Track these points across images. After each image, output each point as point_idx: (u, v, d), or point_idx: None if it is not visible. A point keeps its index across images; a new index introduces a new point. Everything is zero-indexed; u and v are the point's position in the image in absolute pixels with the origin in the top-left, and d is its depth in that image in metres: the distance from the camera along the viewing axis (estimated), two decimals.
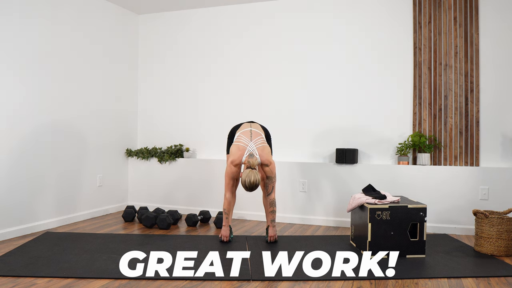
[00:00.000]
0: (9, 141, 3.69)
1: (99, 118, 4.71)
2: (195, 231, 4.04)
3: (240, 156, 3.41)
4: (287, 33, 4.72)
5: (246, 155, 3.40)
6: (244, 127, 3.61)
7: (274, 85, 4.75)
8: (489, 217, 3.23)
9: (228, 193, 3.48)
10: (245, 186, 3.23)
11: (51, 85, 4.09)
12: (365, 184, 4.18)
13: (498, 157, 4.04)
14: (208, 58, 5.04)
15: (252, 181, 3.20)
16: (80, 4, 4.42)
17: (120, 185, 5.08)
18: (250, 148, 3.42)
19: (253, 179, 3.21)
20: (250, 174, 3.22)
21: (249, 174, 3.22)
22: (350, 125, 4.48)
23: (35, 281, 2.60)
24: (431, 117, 4.23)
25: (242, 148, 3.42)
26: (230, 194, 3.48)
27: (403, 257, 3.14)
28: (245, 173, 3.24)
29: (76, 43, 4.39)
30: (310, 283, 2.60)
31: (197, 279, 2.64)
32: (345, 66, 4.51)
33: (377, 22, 4.41)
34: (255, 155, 3.40)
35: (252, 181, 3.20)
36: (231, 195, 3.50)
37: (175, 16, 5.18)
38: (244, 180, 3.22)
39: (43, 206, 4.03)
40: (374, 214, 3.14)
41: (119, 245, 3.39)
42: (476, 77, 4.10)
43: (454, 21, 4.17)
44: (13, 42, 3.70)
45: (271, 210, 3.55)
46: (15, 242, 3.53)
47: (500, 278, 2.72)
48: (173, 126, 5.18)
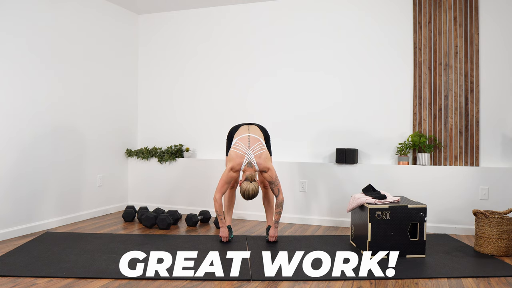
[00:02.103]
0: (9, 141, 3.69)
1: (99, 118, 4.72)
2: (195, 231, 4.04)
3: (239, 164, 3.45)
4: (288, 33, 4.71)
5: (244, 164, 3.44)
6: (242, 132, 3.61)
7: (274, 85, 4.75)
8: (489, 217, 3.23)
9: (218, 195, 3.48)
10: (244, 197, 3.34)
11: (51, 85, 4.09)
12: (365, 184, 4.18)
13: (498, 157, 4.04)
14: (208, 58, 5.04)
15: (250, 194, 3.33)
16: (80, 4, 4.42)
17: (120, 185, 5.08)
18: (248, 156, 3.45)
19: (252, 192, 3.32)
20: (249, 186, 3.32)
21: (248, 187, 3.32)
22: (350, 125, 4.48)
23: (35, 281, 2.60)
24: (431, 117, 4.23)
25: (241, 156, 3.45)
26: (221, 196, 3.49)
27: (403, 257, 3.14)
28: (245, 185, 3.32)
29: (76, 43, 4.39)
30: (310, 283, 2.60)
31: (197, 279, 2.64)
32: (344, 66, 4.51)
33: (377, 22, 4.41)
34: (253, 163, 3.43)
35: (250, 195, 3.33)
36: (221, 198, 3.50)
37: (175, 16, 5.18)
38: (243, 192, 3.32)
39: (43, 206, 4.03)
40: (374, 214, 3.14)
41: (119, 245, 3.39)
42: (476, 77, 4.10)
43: (454, 21, 4.17)
44: (13, 43, 3.71)
45: (277, 211, 3.54)
46: (15, 242, 3.53)
47: (500, 278, 2.72)
48: (173, 126, 5.18)
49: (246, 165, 3.43)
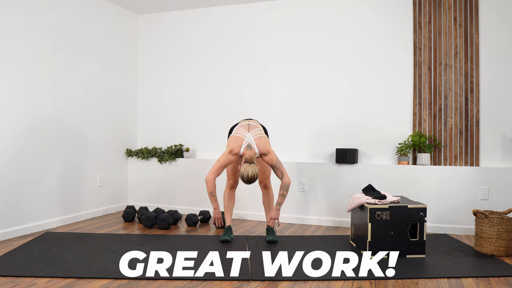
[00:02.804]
0: (9, 141, 3.69)
1: (99, 118, 4.71)
2: (195, 231, 4.04)
3: (239, 147, 3.45)
4: (287, 33, 4.71)
5: (244, 146, 3.44)
6: (242, 122, 3.69)
7: (274, 85, 4.75)
8: (489, 217, 3.23)
9: (212, 176, 3.47)
10: (243, 179, 3.32)
11: (51, 85, 4.09)
12: (365, 184, 4.18)
13: (498, 157, 4.04)
14: (208, 57, 5.04)
15: (250, 175, 3.29)
16: (80, 4, 4.42)
17: (120, 185, 5.08)
18: (247, 139, 3.46)
19: (251, 173, 3.29)
20: (248, 168, 3.30)
21: (247, 169, 3.30)
22: (350, 125, 4.48)
23: (35, 281, 2.60)
24: (431, 117, 4.23)
25: (240, 139, 3.47)
26: (214, 178, 3.48)
27: (403, 257, 3.14)
28: (244, 167, 3.32)
29: (76, 43, 4.39)
30: (310, 283, 2.60)
31: (197, 279, 2.64)
32: (344, 66, 4.51)
33: (377, 22, 4.41)
34: (252, 145, 3.44)
35: (250, 176, 3.29)
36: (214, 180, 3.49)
37: (175, 16, 5.18)
38: (242, 174, 3.30)
39: (43, 206, 4.03)
40: (374, 214, 3.14)
41: (119, 245, 3.39)
42: (476, 77, 4.10)
43: (454, 21, 4.17)
44: (13, 42, 3.70)
45: (280, 193, 3.49)
46: (15, 242, 3.53)
47: (500, 278, 2.72)
48: (173, 126, 5.18)
49: (245, 147, 3.43)
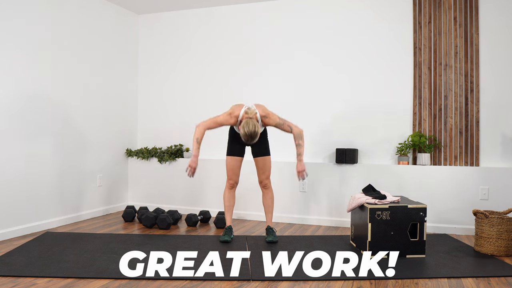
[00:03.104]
0: (9, 141, 3.69)
1: (99, 118, 4.71)
2: (195, 231, 4.04)
3: (239, 110, 3.43)
4: (287, 33, 4.71)
5: (244, 109, 3.42)
6: None
7: (274, 85, 4.75)
8: (489, 217, 3.23)
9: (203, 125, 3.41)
10: (245, 133, 3.25)
11: (51, 85, 4.09)
12: (365, 184, 4.18)
13: (498, 157, 4.04)
14: (208, 57, 5.04)
15: (250, 128, 3.23)
16: (80, 4, 4.42)
17: (120, 185, 5.08)
18: (247, 104, 3.47)
19: (252, 126, 3.23)
20: (248, 121, 3.26)
21: (248, 122, 3.26)
22: (350, 125, 4.48)
23: (35, 281, 2.60)
24: (431, 117, 4.23)
25: (241, 105, 3.48)
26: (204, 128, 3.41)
27: (403, 257, 3.14)
28: (244, 121, 3.28)
29: (76, 43, 4.39)
30: (310, 283, 2.60)
31: (197, 279, 2.64)
32: (344, 66, 4.51)
33: (377, 22, 4.41)
34: (252, 107, 3.44)
35: (250, 128, 3.22)
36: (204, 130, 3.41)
37: (175, 16, 5.18)
38: (243, 127, 3.24)
39: (43, 206, 4.03)
40: (374, 214, 3.14)
41: (119, 245, 3.38)
42: (476, 77, 4.10)
43: (454, 21, 4.17)
44: (13, 43, 3.70)
45: (296, 143, 3.44)
46: (15, 242, 3.52)
47: (500, 278, 2.72)
48: (173, 126, 5.18)
49: (245, 109, 3.41)
